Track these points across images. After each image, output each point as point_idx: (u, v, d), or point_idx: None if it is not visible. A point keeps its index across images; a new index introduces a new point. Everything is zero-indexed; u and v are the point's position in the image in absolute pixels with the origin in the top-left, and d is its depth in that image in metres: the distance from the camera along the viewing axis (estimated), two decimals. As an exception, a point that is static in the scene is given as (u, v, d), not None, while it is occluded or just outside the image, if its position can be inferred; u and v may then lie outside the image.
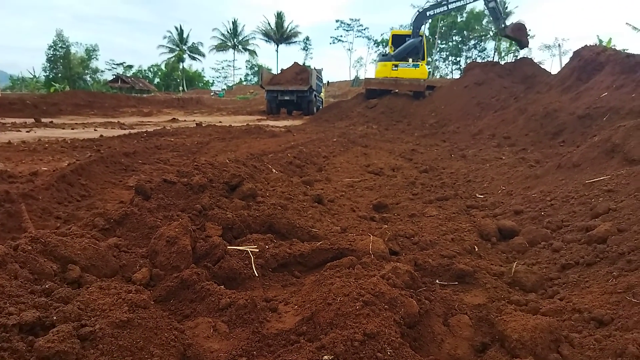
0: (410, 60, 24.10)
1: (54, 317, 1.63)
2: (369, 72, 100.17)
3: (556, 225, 3.61)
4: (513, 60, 25.11)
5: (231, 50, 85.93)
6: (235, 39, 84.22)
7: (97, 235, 2.61)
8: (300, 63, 29.71)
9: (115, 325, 1.62)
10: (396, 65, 24.05)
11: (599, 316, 2.13)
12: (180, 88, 78.35)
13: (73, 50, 69.64)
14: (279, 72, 29.43)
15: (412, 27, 24.85)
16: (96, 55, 75.99)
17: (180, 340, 1.76)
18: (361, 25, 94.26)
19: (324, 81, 33.57)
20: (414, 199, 5.38)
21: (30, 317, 1.58)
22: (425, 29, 29.17)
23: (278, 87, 26.65)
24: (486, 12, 29.20)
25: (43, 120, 14.01)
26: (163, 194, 3.51)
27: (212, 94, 66.25)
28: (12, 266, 1.91)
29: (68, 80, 64.17)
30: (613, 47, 16.69)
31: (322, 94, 32.55)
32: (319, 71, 30.39)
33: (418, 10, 24.53)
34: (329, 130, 14.90)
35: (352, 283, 2.19)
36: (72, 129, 12.22)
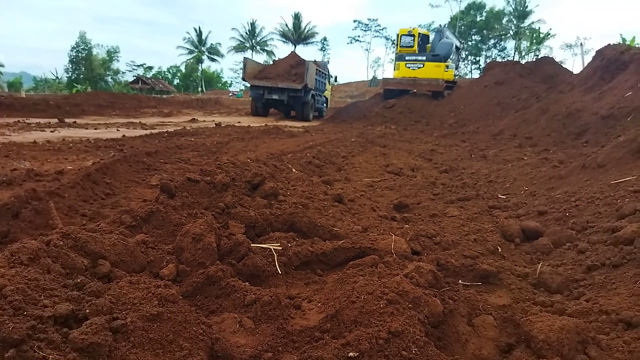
0: (450, 60, 23.78)
1: (87, 310, 1.67)
2: (387, 72, 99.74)
3: (581, 226, 3.56)
4: (534, 60, 24.76)
5: (249, 51, 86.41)
6: (253, 40, 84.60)
7: (124, 231, 2.66)
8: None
9: (146, 318, 1.66)
10: (423, 64, 23.35)
11: (627, 318, 2.10)
12: (199, 89, 78.98)
13: (95, 51, 70.93)
14: (271, 63, 24.09)
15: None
16: (117, 57, 77.24)
17: (208, 334, 1.79)
18: (379, 25, 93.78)
19: (332, 76, 26.91)
20: (435, 199, 5.35)
21: (64, 310, 1.62)
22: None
23: (265, 82, 20.55)
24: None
25: (66, 120, 14.24)
26: (187, 192, 3.56)
27: (230, 94, 66.53)
28: (45, 260, 1.97)
29: (90, 81, 65.22)
30: (637, 46, 16.33)
31: (326, 92, 25.81)
32: (323, 65, 24.26)
33: (440, 24, 24.55)
34: (347, 131, 14.90)
35: (376, 282, 2.19)
36: (95, 129, 12.43)
